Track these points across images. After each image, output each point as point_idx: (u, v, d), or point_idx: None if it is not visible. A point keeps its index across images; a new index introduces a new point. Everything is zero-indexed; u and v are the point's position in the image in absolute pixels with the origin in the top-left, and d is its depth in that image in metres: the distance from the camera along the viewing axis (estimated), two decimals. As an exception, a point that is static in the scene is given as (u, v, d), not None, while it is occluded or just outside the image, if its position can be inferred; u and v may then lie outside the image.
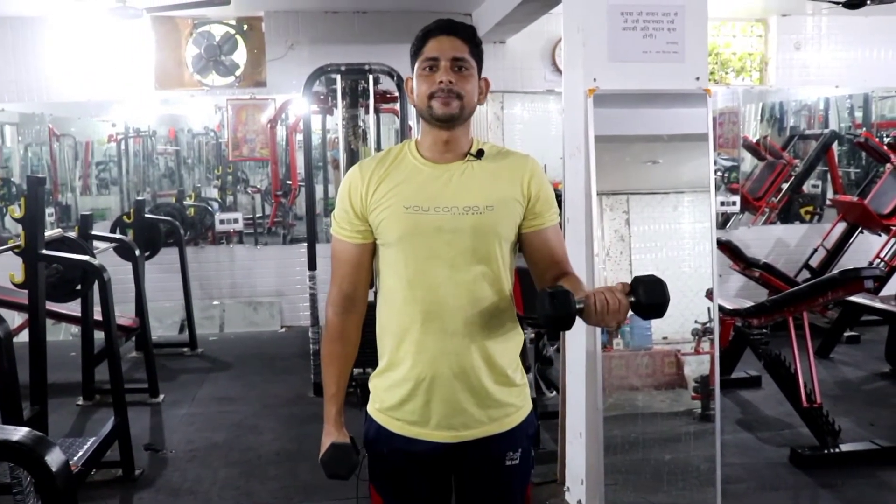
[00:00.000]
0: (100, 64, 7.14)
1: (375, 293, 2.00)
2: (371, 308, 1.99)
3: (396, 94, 5.62)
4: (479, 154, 1.92)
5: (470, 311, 1.87)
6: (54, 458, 1.83)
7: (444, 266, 1.86)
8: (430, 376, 1.88)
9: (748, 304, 5.16)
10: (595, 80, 3.37)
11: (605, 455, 3.38)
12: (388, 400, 1.94)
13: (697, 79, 3.43)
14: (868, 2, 5.76)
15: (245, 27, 7.31)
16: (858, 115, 8.74)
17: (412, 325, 1.88)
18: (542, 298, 1.68)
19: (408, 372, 1.89)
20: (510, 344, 1.96)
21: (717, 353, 3.48)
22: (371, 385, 2.01)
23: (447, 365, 1.87)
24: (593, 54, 3.38)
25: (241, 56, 7.32)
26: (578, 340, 3.51)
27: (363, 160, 2.00)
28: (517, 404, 1.98)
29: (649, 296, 1.69)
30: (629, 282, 1.72)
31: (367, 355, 2.04)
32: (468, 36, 1.88)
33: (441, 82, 1.83)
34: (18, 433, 1.88)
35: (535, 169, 1.96)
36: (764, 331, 4.94)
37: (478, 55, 1.90)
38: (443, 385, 1.88)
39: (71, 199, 8.18)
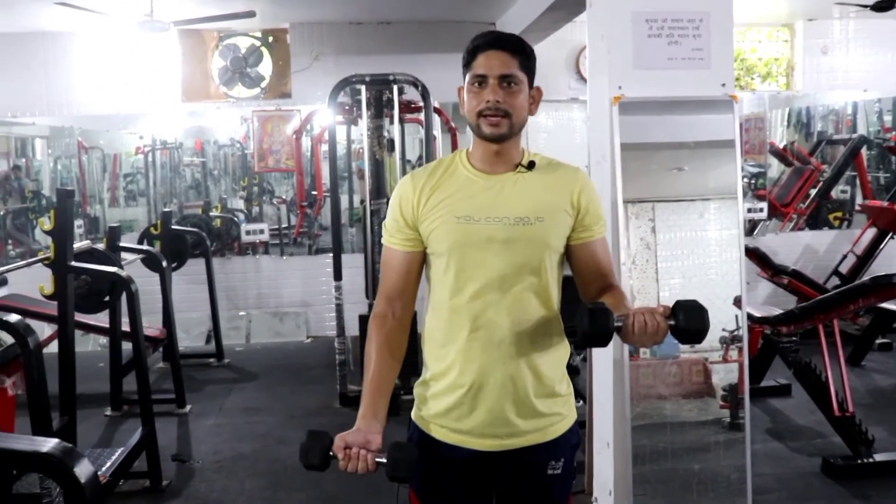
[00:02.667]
0: (127, 77, 7.23)
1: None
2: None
3: (421, 104, 5.62)
4: (531, 165, 1.94)
5: (518, 322, 1.89)
6: (83, 470, 1.84)
7: (494, 276, 1.88)
8: (478, 385, 1.89)
9: (777, 311, 5.09)
10: (620, 87, 3.35)
11: (634, 465, 3.35)
12: (433, 407, 1.96)
13: (723, 85, 3.40)
14: (896, 5, 5.69)
15: (270, 39, 7.36)
16: (887, 118, 8.63)
17: (460, 334, 1.90)
18: (582, 314, 1.69)
19: (455, 380, 1.91)
20: (557, 355, 1.97)
21: (745, 362, 3.44)
22: (416, 392, 2.03)
23: (494, 375, 1.88)
24: (618, 62, 3.36)
25: (266, 68, 7.37)
26: (606, 350, 3.48)
27: (415, 170, 2.01)
28: (562, 413, 1.99)
29: (689, 321, 1.68)
30: (671, 304, 1.71)
31: (406, 365, 2.03)
32: (517, 49, 1.88)
33: (489, 101, 1.84)
34: (48, 444, 1.89)
35: (585, 181, 1.97)
36: (794, 338, 4.88)
37: (528, 67, 1.90)
38: (489, 394, 1.89)
39: (99, 211, 8.27)
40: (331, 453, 1.73)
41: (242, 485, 4.23)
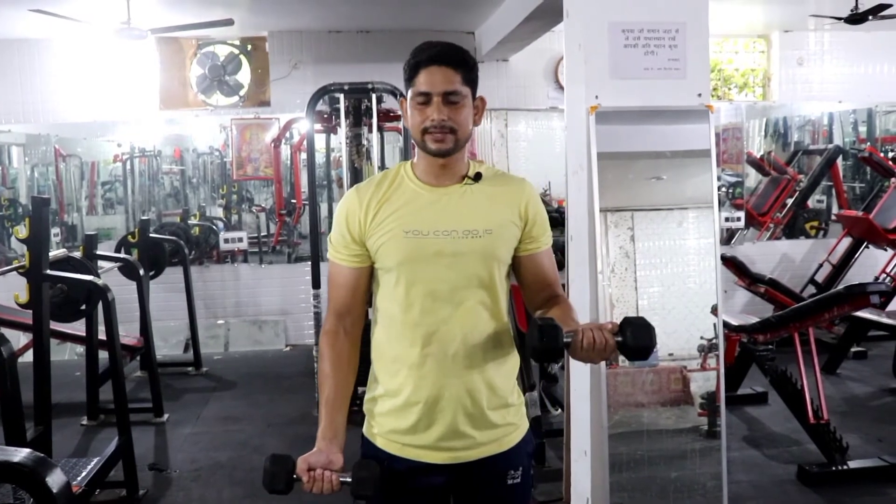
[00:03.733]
0: (105, 85, 7.21)
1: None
2: (366, 331, 1.98)
3: (400, 112, 5.63)
4: (477, 177, 1.92)
5: (470, 335, 1.88)
6: (55, 480, 1.83)
7: (444, 290, 1.86)
8: (433, 400, 1.87)
9: (753, 319, 5.13)
10: (597, 97, 3.37)
11: (611, 473, 3.36)
12: (386, 424, 1.93)
13: (699, 95, 3.42)
14: (869, 17, 5.77)
15: (249, 47, 7.36)
16: (862, 129, 8.74)
17: (412, 349, 1.88)
18: (532, 330, 1.69)
19: (409, 397, 1.88)
20: (508, 367, 1.97)
21: (721, 370, 3.46)
22: (366, 408, 2.00)
23: (449, 389, 1.87)
24: (595, 72, 3.38)
25: (245, 76, 7.37)
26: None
27: (359, 184, 1.98)
28: (515, 423, 1.98)
29: (636, 339, 1.69)
30: (619, 321, 1.72)
31: (365, 374, 2.02)
32: (458, 63, 1.84)
33: (433, 119, 1.81)
34: (19, 454, 1.87)
35: (531, 193, 1.97)
36: (770, 347, 4.92)
37: (471, 79, 1.86)
38: (445, 409, 1.88)
39: (77, 219, 8.20)
40: (294, 476, 1.76)
41: (220, 494, 4.20)
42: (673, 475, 3.41)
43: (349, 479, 1.72)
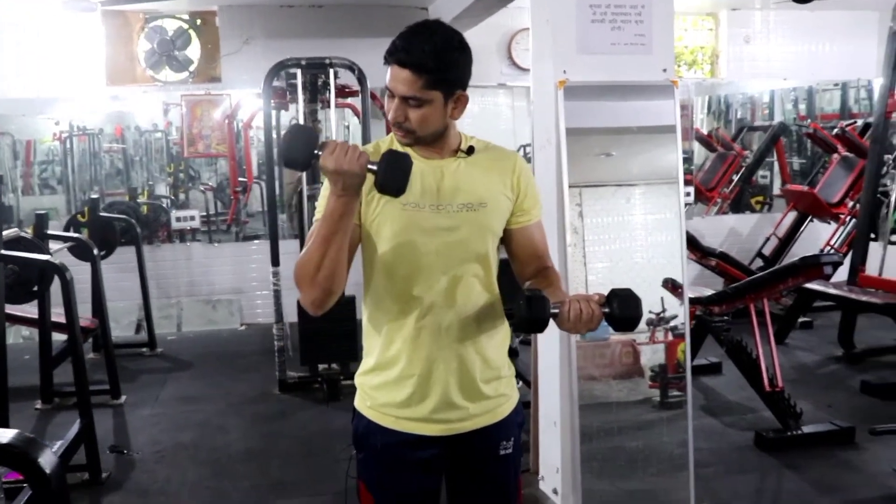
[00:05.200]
0: (48, 60, 6.97)
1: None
2: (350, 304, 1.95)
3: (357, 88, 5.59)
4: (470, 151, 1.93)
5: (464, 307, 1.89)
6: (48, 460, 1.80)
7: (439, 263, 1.87)
8: (427, 372, 1.88)
9: (708, 292, 5.25)
10: (565, 72, 3.39)
11: (581, 444, 3.42)
12: (380, 397, 1.93)
13: (664, 70, 3.48)
14: (815, -4, 5.91)
15: (198, 22, 7.21)
16: (802, 107, 8.95)
17: (406, 321, 1.88)
18: (520, 301, 1.72)
19: (404, 369, 1.89)
20: (500, 338, 1.99)
21: (688, 340, 3.54)
22: (359, 382, 2.00)
23: (443, 361, 1.88)
24: (562, 47, 3.40)
25: (194, 51, 7.23)
26: (551, 330, 3.53)
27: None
28: (507, 394, 2.01)
29: (623, 309, 1.73)
30: (606, 293, 1.75)
31: (346, 351, 2.01)
32: (423, 68, 1.76)
33: (395, 116, 1.83)
34: (8, 435, 1.83)
35: (523, 165, 1.99)
36: (725, 318, 5.04)
37: (439, 80, 1.79)
38: (438, 381, 1.88)
39: (13, 200, 7.95)
40: (316, 151, 1.64)
41: (185, 474, 4.16)
42: (638, 444, 3.49)
43: (374, 167, 1.64)
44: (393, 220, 1.86)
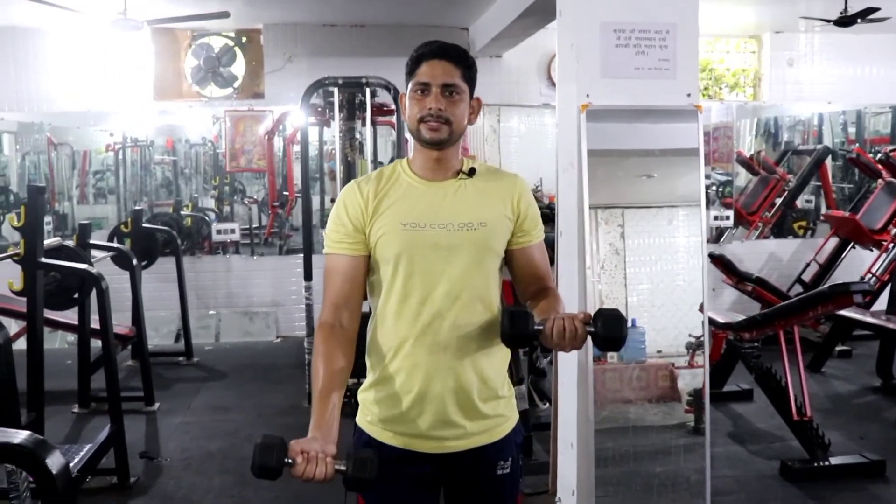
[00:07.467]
0: (99, 74, 7.21)
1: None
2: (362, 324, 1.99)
3: (393, 107, 5.68)
4: (472, 172, 1.98)
5: (464, 326, 1.92)
6: (55, 461, 1.87)
7: (440, 281, 1.90)
8: (425, 390, 1.91)
9: (740, 317, 5.19)
10: (588, 95, 3.41)
11: (597, 467, 3.41)
12: (379, 413, 1.97)
13: (689, 95, 3.47)
14: (858, 20, 5.84)
15: (244, 39, 7.38)
16: (851, 130, 8.82)
17: (406, 339, 1.91)
18: (503, 316, 1.76)
19: (402, 385, 1.92)
20: (500, 358, 2.01)
21: (706, 366, 3.51)
22: (361, 398, 2.04)
23: (441, 380, 1.91)
24: (586, 70, 3.42)
25: (239, 68, 7.39)
26: (571, 353, 3.54)
27: (359, 178, 2.02)
28: (505, 414, 2.02)
29: (607, 329, 1.73)
30: (593, 312, 1.76)
31: (360, 366, 2.05)
32: (460, 59, 1.91)
33: (430, 108, 1.88)
34: (20, 436, 1.91)
35: (523, 188, 2.03)
36: (755, 344, 4.98)
37: (469, 77, 1.93)
38: (436, 398, 1.91)
39: (68, 208, 8.22)
40: (287, 460, 1.63)
41: (210, 482, 4.25)
42: (658, 470, 3.46)
43: (343, 468, 1.63)
44: (395, 240, 1.91)
